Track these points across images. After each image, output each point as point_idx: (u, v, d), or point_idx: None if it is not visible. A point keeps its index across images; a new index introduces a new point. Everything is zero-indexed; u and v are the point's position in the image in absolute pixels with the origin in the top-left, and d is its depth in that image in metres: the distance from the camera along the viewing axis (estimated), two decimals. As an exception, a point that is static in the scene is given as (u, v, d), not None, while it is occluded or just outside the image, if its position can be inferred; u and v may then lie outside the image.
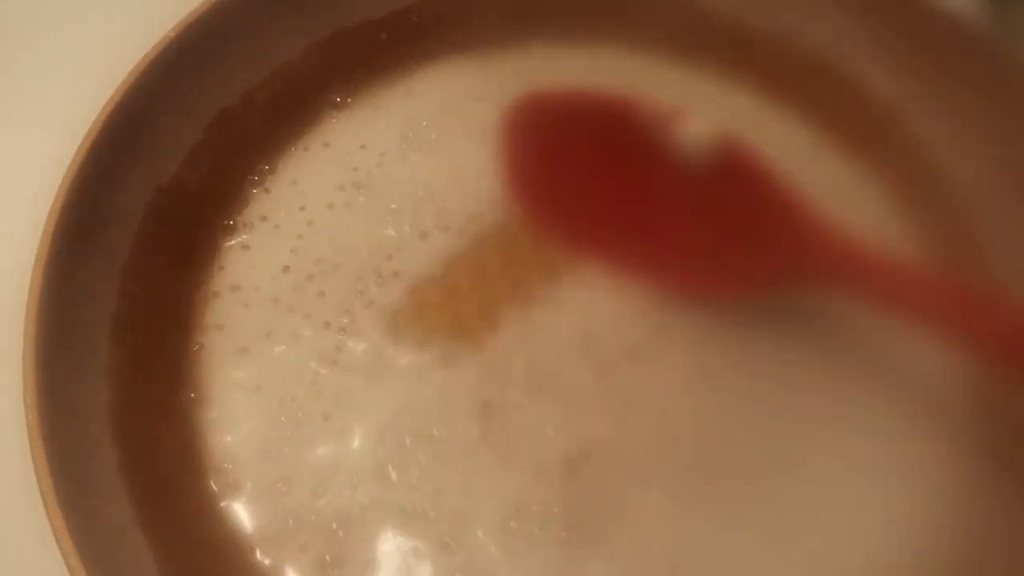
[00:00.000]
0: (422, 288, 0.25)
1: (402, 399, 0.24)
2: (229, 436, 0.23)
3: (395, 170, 0.27)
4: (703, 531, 0.22)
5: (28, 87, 0.27)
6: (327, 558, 0.22)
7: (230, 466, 0.23)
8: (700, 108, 0.27)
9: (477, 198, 0.26)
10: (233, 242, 0.26)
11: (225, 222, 0.26)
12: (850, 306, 0.24)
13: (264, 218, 0.26)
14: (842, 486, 0.23)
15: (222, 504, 0.22)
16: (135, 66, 0.23)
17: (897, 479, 0.23)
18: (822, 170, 0.27)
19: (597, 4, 0.28)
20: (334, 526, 0.22)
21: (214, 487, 0.22)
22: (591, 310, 0.25)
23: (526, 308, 0.25)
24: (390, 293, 0.25)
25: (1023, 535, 0.22)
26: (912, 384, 0.24)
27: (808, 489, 0.23)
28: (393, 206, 0.26)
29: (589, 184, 0.26)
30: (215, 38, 0.24)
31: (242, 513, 0.22)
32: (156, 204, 0.24)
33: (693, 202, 0.25)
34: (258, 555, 0.22)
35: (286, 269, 0.25)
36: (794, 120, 0.28)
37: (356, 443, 0.23)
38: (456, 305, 0.25)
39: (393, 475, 0.23)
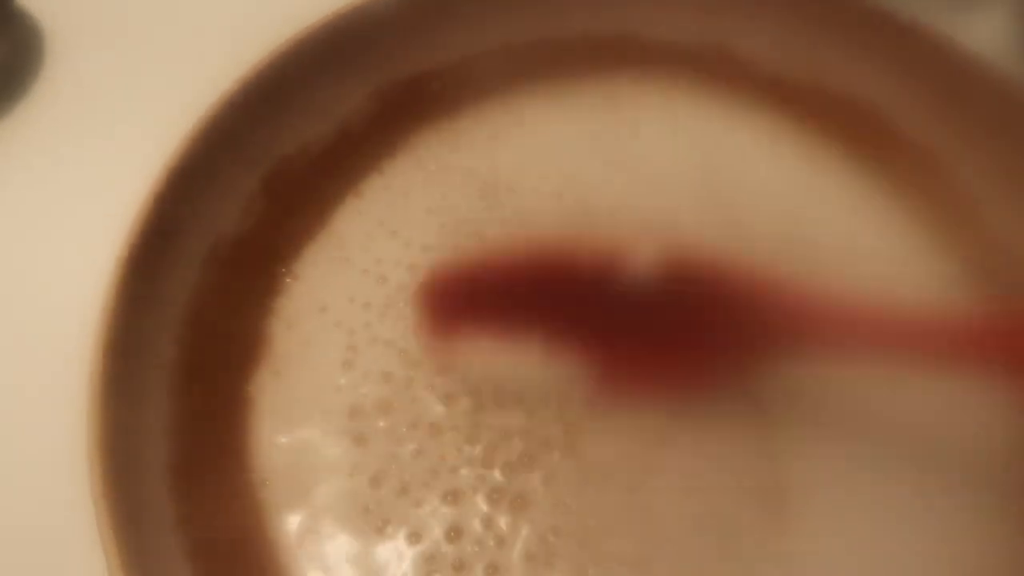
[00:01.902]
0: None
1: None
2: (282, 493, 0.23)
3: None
4: None
5: (92, 142, 0.27)
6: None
7: (285, 526, 0.23)
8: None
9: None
10: (286, 288, 0.26)
11: (279, 269, 0.26)
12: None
13: (315, 264, 0.26)
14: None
15: (282, 562, 0.22)
16: (198, 119, 0.23)
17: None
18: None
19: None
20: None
21: (272, 541, 0.22)
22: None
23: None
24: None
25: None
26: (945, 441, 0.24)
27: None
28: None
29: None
30: (278, 90, 0.24)
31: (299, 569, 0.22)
32: (214, 253, 0.24)
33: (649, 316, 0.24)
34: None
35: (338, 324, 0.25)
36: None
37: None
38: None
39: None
